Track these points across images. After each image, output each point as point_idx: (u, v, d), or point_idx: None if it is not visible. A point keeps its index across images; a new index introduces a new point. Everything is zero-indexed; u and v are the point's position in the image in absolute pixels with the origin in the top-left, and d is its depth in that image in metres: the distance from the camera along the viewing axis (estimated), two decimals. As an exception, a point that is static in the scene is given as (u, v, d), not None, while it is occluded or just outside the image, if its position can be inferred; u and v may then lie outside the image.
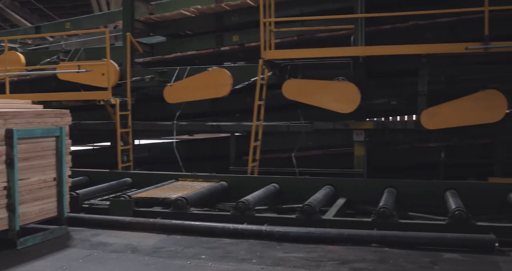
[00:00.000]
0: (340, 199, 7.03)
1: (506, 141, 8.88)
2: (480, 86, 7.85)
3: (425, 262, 4.90)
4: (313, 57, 8.73)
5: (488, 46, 7.39)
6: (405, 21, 9.08)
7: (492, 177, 8.26)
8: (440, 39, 8.84)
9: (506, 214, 6.78)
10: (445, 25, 9.15)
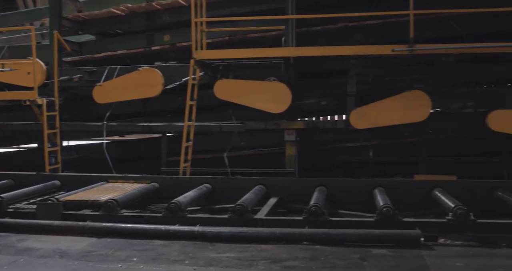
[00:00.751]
0: (272, 198, 7.08)
1: (430, 140, 9.22)
2: (406, 87, 8.11)
3: (355, 258, 5.01)
4: (244, 57, 8.77)
5: (413, 48, 7.64)
6: (335, 23, 9.27)
7: (417, 175, 8.56)
8: (368, 41, 9.08)
9: (430, 210, 7.04)
10: (373, 28, 9.42)
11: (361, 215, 6.52)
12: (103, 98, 9.74)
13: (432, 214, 6.86)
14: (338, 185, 7.35)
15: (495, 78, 9.46)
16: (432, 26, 8.97)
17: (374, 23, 9.29)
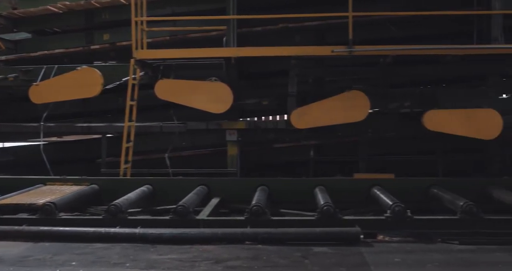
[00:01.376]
0: (214, 198, 7.07)
1: (369, 139, 9.43)
2: (345, 87, 8.26)
3: (296, 257, 5.06)
4: (185, 57, 8.72)
5: (352, 49, 7.79)
6: (276, 23, 9.35)
7: (357, 173, 8.73)
8: (308, 42, 9.20)
9: (369, 207, 7.20)
10: (313, 29, 9.55)
11: (302, 214, 6.59)
12: (40, 98, 9.48)
13: (371, 211, 7.01)
14: (280, 184, 7.41)
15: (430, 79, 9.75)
16: (371, 28, 9.18)
17: (314, 24, 9.42)
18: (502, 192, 7.17)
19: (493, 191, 7.32)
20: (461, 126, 7.88)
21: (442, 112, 7.95)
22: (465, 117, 7.89)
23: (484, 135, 7.99)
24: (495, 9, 8.05)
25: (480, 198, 7.28)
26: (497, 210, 6.97)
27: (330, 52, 7.85)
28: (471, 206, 6.00)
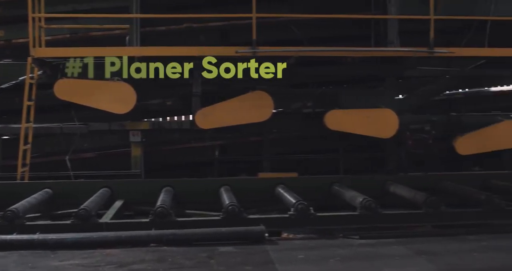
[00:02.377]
0: (117, 201, 6.93)
1: (273, 139, 9.58)
2: (249, 87, 8.32)
3: (202, 257, 5.06)
4: (87, 56, 8.44)
5: (256, 50, 7.87)
6: (180, 23, 9.27)
7: (261, 173, 8.84)
8: (213, 42, 9.20)
9: (274, 206, 7.32)
10: (217, 29, 9.56)
11: (208, 214, 6.60)
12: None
13: (276, 210, 7.14)
14: (185, 185, 7.38)
15: (332, 80, 10.04)
16: (275, 30, 9.32)
17: (218, 24, 9.44)
18: (398, 187, 7.53)
19: (390, 187, 7.68)
20: (361, 125, 8.16)
21: (342, 112, 8.20)
22: (364, 117, 8.18)
23: (382, 134, 8.33)
24: (391, 13, 8.41)
25: (379, 194, 7.62)
26: (395, 205, 7.32)
27: (234, 52, 7.88)
28: (370, 202, 6.26)
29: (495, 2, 8.72)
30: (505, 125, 8.67)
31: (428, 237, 6.07)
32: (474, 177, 8.47)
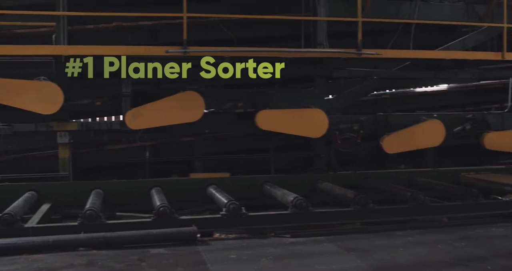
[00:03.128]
0: (44, 204, 6.72)
1: (204, 139, 9.55)
2: (180, 88, 8.26)
3: (133, 260, 4.99)
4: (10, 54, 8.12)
5: (187, 50, 7.82)
6: (109, 22, 9.08)
7: (193, 173, 8.80)
8: (142, 42, 9.06)
9: (206, 206, 7.32)
10: (147, 28, 9.43)
11: (139, 216, 6.51)
12: None
13: (208, 210, 7.14)
14: (115, 187, 7.26)
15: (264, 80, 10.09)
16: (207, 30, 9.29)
17: (148, 24, 9.31)
18: (328, 186, 7.69)
19: (321, 186, 7.83)
20: (291, 125, 8.27)
21: (273, 112, 8.28)
22: (294, 116, 8.29)
23: (312, 133, 8.47)
24: (320, 15, 8.56)
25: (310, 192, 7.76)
26: (325, 203, 7.48)
27: (164, 52, 7.80)
28: (301, 201, 6.36)
29: (419, 6, 9.07)
30: (428, 124, 9.03)
31: (357, 234, 6.25)
32: (400, 174, 8.77)
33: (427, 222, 6.91)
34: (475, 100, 12.74)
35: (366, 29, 8.48)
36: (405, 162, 9.77)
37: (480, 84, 12.68)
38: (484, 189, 7.76)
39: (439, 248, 5.63)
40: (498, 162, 10.59)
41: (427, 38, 9.87)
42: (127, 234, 5.48)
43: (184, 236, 5.60)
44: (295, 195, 6.54)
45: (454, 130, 9.48)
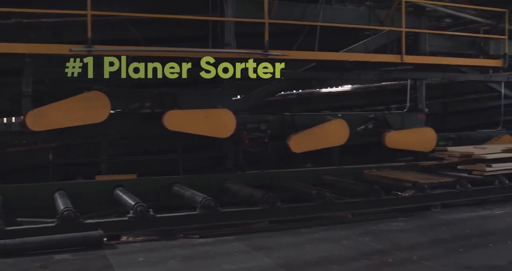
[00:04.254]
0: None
1: (110, 140, 9.32)
2: (85, 87, 8.03)
3: (35, 267, 4.82)
4: None
5: (92, 49, 7.60)
6: (9, 18, 8.67)
7: (99, 175, 8.56)
8: (46, 39, 8.70)
9: (113, 209, 7.15)
10: (50, 26, 9.08)
11: (41, 221, 6.26)
12: None
13: (115, 213, 6.99)
14: (15, 191, 6.95)
15: (172, 80, 10.01)
16: (114, 28, 9.07)
17: (51, 21, 8.97)
18: (237, 185, 7.75)
19: (229, 185, 7.88)
20: (199, 125, 8.26)
21: (181, 112, 8.22)
22: (202, 117, 8.29)
23: (220, 133, 8.50)
24: (227, 16, 8.60)
25: (218, 192, 7.78)
26: (233, 202, 7.53)
27: (68, 51, 7.54)
28: (209, 201, 6.37)
29: (324, 9, 9.33)
30: (333, 124, 9.32)
31: (265, 233, 6.35)
32: (306, 173, 8.98)
33: (333, 218, 7.12)
34: (377, 100, 13.31)
35: (273, 30, 8.62)
36: (311, 161, 10.01)
37: (381, 85, 13.25)
38: (385, 185, 8.09)
39: (343, 244, 5.82)
40: (398, 159, 11.07)
41: (332, 40, 10.18)
42: (27, 240, 5.26)
43: (90, 240, 5.46)
44: (203, 195, 6.53)
45: (357, 130, 9.85)
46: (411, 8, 10.42)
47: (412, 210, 7.45)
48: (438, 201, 7.79)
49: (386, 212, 7.37)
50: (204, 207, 6.36)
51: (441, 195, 7.93)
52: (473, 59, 11.02)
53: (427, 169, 9.53)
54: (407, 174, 8.89)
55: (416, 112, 10.65)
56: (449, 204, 7.95)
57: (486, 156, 8.76)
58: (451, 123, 14.17)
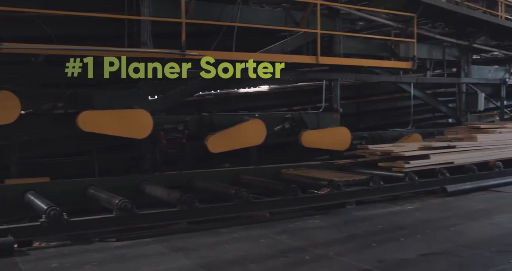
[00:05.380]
0: None
1: (21, 142, 8.93)
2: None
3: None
4: None
5: (0, 46, 7.27)
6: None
7: (8, 179, 8.18)
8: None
9: (24, 214, 6.87)
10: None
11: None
12: None
13: (27, 218, 6.72)
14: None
15: (87, 80, 9.73)
16: (23, 25, 8.68)
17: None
18: (154, 187, 7.65)
19: (146, 187, 7.76)
20: (115, 126, 8.08)
21: (96, 113, 8.02)
22: (118, 117, 8.12)
23: (137, 134, 8.37)
24: (144, 15, 8.45)
25: (135, 194, 7.65)
26: (152, 204, 7.43)
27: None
28: (126, 203, 6.25)
29: (241, 10, 9.39)
30: (250, 124, 9.39)
31: (184, 233, 6.30)
32: (225, 173, 9.00)
33: (251, 218, 7.18)
34: (294, 100, 13.55)
35: (192, 30, 8.57)
36: (230, 161, 10.04)
37: (298, 85, 13.50)
38: (302, 184, 8.23)
39: (262, 242, 5.89)
40: (315, 158, 11.32)
41: (250, 41, 10.26)
42: None
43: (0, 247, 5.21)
44: (120, 198, 6.40)
45: (274, 129, 9.98)
46: (326, 11, 10.69)
47: (328, 208, 7.64)
48: (352, 198, 8.03)
49: (303, 210, 7.50)
50: (121, 209, 6.23)
51: (355, 192, 8.17)
52: (385, 61, 11.46)
53: (343, 167, 9.80)
54: (323, 173, 9.10)
55: (331, 112, 10.92)
56: (363, 201, 8.22)
57: (404, 153, 9.13)
58: (365, 122, 14.67)
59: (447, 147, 9.76)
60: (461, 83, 13.85)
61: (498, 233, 6.22)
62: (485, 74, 14.70)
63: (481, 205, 8.01)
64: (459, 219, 6.98)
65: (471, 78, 13.97)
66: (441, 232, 6.29)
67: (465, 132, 10.83)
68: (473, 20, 12.66)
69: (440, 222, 6.88)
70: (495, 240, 5.89)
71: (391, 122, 14.41)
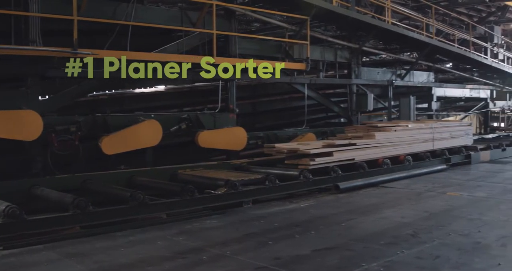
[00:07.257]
0: None
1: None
2: None
3: None
4: None
5: None
6: None
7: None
8: None
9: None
10: None
11: None
12: None
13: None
14: None
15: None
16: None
17: None
18: (46, 191, 7.35)
19: (37, 191, 7.44)
20: (2, 128, 7.69)
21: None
22: (5, 118, 7.73)
23: (26, 136, 8.00)
24: (32, 11, 8.08)
25: (26, 199, 7.31)
26: (44, 209, 7.11)
27: None
28: (14, 209, 5.95)
29: (136, 8, 9.23)
30: (146, 125, 9.26)
31: (77, 239, 6.10)
32: (120, 175, 8.80)
33: (148, 220, 7.07)
34: (190, 101, 13.52)
35: (85, 28, 8.31)
36: (125, 162, 9.83)
37: (194, 86, 13.48)
38: (199, 184, 8.22)
39: (159, 244, 5.83)
40: (212, 158, 11.35)
41: (146, 40, 10.11)
42: None
43: None
44: (7, 203, 6.07)
45: (170, 130, 9.91)
46: (222, 11, 10.76)
47: (225, 207, 7.69)
48: (249, 197, 8.13)
49: (201, 210, 7.50)
50: (8, 215, 5.91)
51: (251, 191, 8.27)
52: (279, 62, 11.71)
53: (239, 167, 9.90)
54: (219, 173, 9.15)
55: (227, 112, 11.01)
56: (260, 199, 8.35)
57: (309, 151, 9.36)
58: (261, 122, 14.92)
59: (348, 144, 10.15)
60: (352, 84, 14.48)
61: (387, 227, 6.55)
62: (374, 75, 15.47)
63: (371, 200, 8.39)
64: (351, 215, 7.27)
65: (361, 80, 14.64)
66: (334, 228, 6.54)
67: (364, 130, 11.29)
68: (362, 24, 13.26)
69: (333, 218, 7.13)
70: (384, 233, 6.20)
71: (287, 122, 14.75)
